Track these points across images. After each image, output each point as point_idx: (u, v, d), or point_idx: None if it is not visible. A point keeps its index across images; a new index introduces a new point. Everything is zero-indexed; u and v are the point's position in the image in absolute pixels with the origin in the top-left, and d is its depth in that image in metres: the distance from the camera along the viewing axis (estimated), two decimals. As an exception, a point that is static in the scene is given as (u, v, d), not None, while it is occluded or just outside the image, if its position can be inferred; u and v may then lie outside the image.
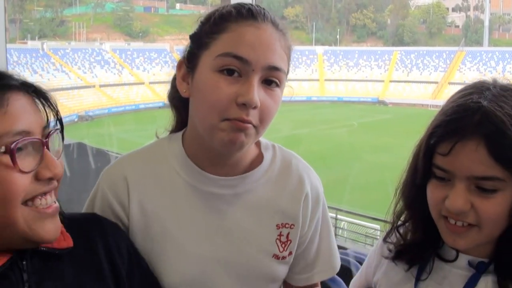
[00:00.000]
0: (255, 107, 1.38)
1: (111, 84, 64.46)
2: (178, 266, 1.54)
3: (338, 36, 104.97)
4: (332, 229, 1.80)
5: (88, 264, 1.36)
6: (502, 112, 1.27)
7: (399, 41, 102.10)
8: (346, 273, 1.94)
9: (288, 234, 1.61)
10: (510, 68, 70.57)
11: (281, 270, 1.64)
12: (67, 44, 74.20)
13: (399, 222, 1.57)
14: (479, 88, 1.34)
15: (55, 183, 1.24)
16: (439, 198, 1.35)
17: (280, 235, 1.60)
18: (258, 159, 1.61)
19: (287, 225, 1.61)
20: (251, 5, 1.45)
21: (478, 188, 1.29)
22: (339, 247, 1.86)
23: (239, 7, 1.44)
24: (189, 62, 1.47)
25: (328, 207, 1.77)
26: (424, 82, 72.16)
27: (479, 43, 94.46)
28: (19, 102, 1.19)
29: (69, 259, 1.34)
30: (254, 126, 1.41)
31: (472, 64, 72.13)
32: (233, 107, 1.38)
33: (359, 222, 17.08)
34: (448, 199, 1.31)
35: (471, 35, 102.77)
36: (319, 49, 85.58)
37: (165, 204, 1.56)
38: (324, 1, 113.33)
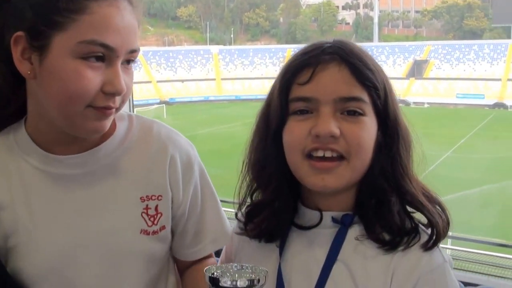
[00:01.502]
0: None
1: None
2: (35, 258, 1.41)
3: (232, 35, 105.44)
4: (217, 196, 1.68)
5: None
6: (351, 44, 1.34)
7: (292, 39, 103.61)
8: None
9: (156, 206, 1.50)
10: (400, 61, 73.67)
11: (157, 248, 1.52)
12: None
13: (251, 190, 1.51)
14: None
15: None
16: (303, 133, 1.30)
17: (146, 208, 1.48)
18: (111, 131, 1.48)
19: (153, 197, 1.49)
20: None
21: (344, 114, 1.29)
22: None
23: None
24: (34, 39, 1.29)
25: (233, 203, 1.65)
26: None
27: (369, 39, 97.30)
28: None
29: None
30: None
31: (363, 58, 74.02)
32: (100, 96, 1.30)
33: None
34: (316, 127, 1.28)
35: (361, 31, 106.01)
36: (214, 48, 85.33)
37: (15, 195, 1.42)
38: (217, 0, 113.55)
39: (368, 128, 1.31)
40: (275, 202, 1.41)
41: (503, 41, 79.50)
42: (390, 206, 1.34)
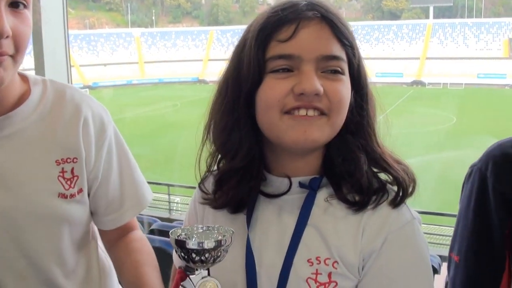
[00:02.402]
0: (7, 37, 1.26)
1: None
2: None
3: (154, 17, 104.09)
4: (134, 162, 1.68)
5: None
6: (326, 1, 1.33)
7: (215, 21, 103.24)
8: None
9: (72, 169, 1.50)
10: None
11: (75, 210, 1.51)
12: None
13: (218, 158, 1.48)
14: None
15: None
16: (284, 90, 1.26)
17: (62, 171, 1.48)
18: (26, 96, 1.47)
19: (68, 160, 1.49)
20: None
21: (324, 72, 1.27)
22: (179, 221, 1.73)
23: None
24: None
25: (162, 184, 1.70)
26: (242, 59, 73.83)
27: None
28: None
29: None
30: (11, 56, 1.30)
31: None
32: None
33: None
34: (300, 84, 1.24)
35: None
36: (136, 31, 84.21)
37: None
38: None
39: (347, 86, 1.30)
40: (243, 169, 1.39)
41: (421, 21, 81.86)
42: (360, 164, 1.34)
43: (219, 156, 1.46)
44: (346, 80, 1.30)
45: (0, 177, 1.41)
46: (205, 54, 78.25)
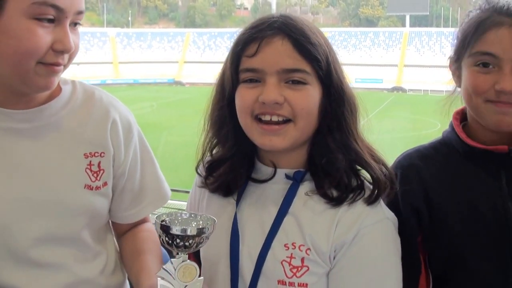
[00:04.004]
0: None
1: None
2: None
3: (130, 18, 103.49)
4: (155, 160, 1.77)
5: None
6: (296, 19, 1.47)
7: (191, 23, 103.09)
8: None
9: (99, 163, 1.58)
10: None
11: (99, 202, 1.59)
12: None
13: (212, 146, 1.62)
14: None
15: None
16: (252, 98, 1.44)
17: (90, 164, 1.56)
18: (56, 93, 1.55)
19: (96, 154, 1.57)
20: None
21: (288, 83, 1.43)
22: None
23: None
24: None
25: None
26: (218, 62, 73.01)
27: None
28: None
29: None
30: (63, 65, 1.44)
31: (262, 43, 74.76)
32: (50, 53, 1.37)
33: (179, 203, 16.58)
34: (262, 95, 1.42)
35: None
36: (111, 31, 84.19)
37: None
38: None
39: (311, 95, 1.44)
40: (232, 158, 1.56)
41: (398, 29, 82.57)
42: (337, 163, 1.47)
43: (215, 142, 1.62)
44: (310, 88, 1.44)
45: (29, 165, 1.49)
46: (181, 56, 77.75)
